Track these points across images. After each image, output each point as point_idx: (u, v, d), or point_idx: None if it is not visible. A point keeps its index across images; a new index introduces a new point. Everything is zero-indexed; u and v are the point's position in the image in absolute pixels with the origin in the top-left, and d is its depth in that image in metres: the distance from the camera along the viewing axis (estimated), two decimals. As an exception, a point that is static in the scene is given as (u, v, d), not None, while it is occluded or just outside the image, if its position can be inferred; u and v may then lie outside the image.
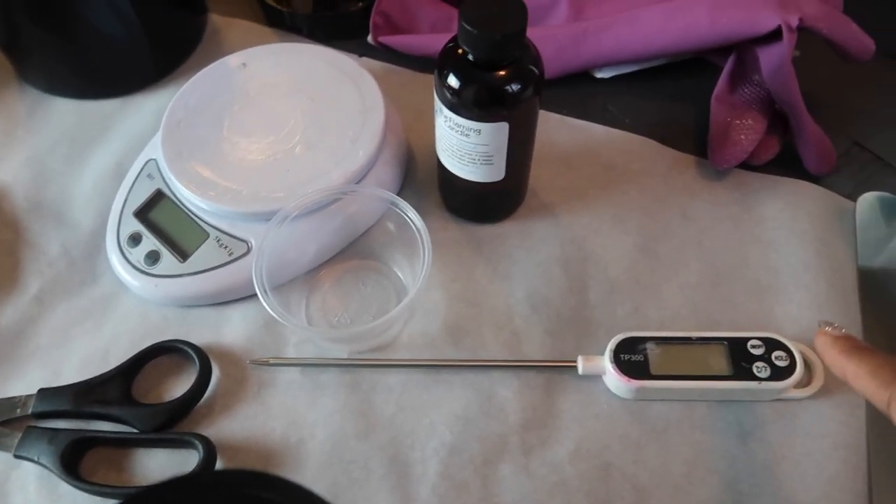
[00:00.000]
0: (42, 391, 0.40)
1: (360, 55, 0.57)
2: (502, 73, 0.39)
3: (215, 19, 0.60)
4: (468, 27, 0.37)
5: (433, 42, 0.55)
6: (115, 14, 0.51)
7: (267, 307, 0.38)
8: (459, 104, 0.39)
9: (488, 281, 0.45)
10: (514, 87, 0.39)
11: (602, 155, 0.50)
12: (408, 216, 0.41)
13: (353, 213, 0.45)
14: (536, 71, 0.39)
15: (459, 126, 0.40)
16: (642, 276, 0.45)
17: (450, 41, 0.40)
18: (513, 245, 0.46)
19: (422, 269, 0.39)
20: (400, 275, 0.45)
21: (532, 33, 0.40)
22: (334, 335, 0.42)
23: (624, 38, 0.51)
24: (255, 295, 0.43)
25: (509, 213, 0.48)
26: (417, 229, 0.40)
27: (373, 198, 0.44)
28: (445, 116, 0.41)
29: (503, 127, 0.40)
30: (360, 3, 0.58)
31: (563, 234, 0.47)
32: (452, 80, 0.39)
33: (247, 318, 0.44)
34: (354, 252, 0.46)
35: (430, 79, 0.54)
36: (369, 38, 0.57)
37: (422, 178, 0.50)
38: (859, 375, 0.30)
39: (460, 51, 0.39)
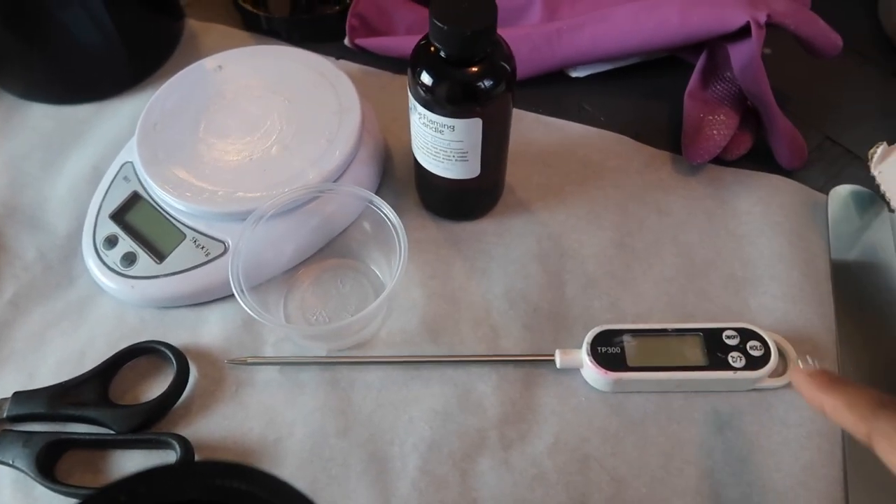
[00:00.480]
0: (17, 394, 0.40)
1: (338, 58, 0.57)
2: (474, 69, 0.39)
3: (192, 24, 0.60)
4: (439, 24, 0.37)
5: (409, 44, 0.54)
6: (91, 20, 0.51)
7: (244, 306, 0.38)
8: (433, 101, 0.40)
9: (466, 278, 0.45)
10: (487, 83, 0.39)
11: (578, 153, 0.51)
12: (383, 212, 0.41)
13: (330, 213, 0.45)
14: (508, 67, 0.40)
15: (433, 123, 0.41)
16: (618, 270, 0.45)
17: (422, 39, 0.41)
18: (490, 242, 0.47)
19: (398, 264, 0.39)
20: (378, 273, 0.45)
21: (507, 33, 0.40)
22: (312, 332, 0.42)
23: (597, 37, 0.52)
24: (233, 295, 0.44)
25: (486, 211, 0.48)
26: (393, 225, 0.40)
27: (349, 196, 0.44)
28: (420, 113, 0.41)
29: (476, 123, 0.40)
30: (337, 7, 0.59)
31: (540, 230, 0.47)
32: (425, 77, 0.40)
33: (225, 318, 0.44)
34: (332, 251, 0.46)
35: (406, 80, 0.55)
36: (346, 41, 0.57)
37: (399, 177, 0.50)
38: (837, 409, 0.30)
39: (432, 48, 0.39)
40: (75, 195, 0.49)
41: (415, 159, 0.45)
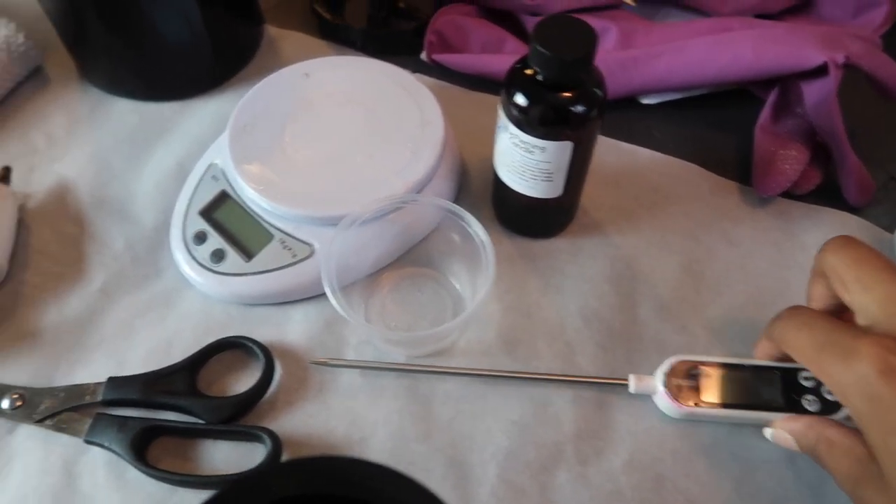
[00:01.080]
0: (111, 380, 0.41)
1: (413, 71, 0.59)
2: (569, 94, 0.40)
3: (271, 30, 0.62)
4: (541, 49, 0.38)
5: (485, 62, 0.57)
6: (183, 19, 0.53)
7: (335, 305, 0.40)
8: (526, 122, 0.41)
9: (541, 294, 0.46)
10: (580, 108, 0.40)
11: (648, 177, 0.52)
12: (473, 230, 0.42)
13: (411, 222, 0.47)
14: (600, 93, 0.41)
15: (524, 143, 0.42)
16: (689, 296, 0.46)
17: (518, 61, 0.42)
18: (564, 260, 0.48)
19: (484, 284, 0.40)
20: (457, 285, 0.46)
21: None
22: (395, 337, 0.44)
23: (672, 67, 0.53)
24: (316, 296, 0.45)
25: (561, 229, 0.49)
26: (482, 243, 0.42)
27: (432, 207, 0.46)
28: (511, 133, 0.42)
29: (567, 146, 0.42)
30: (413, 23, 0.60)
31: (613, 252, 0.48)
32: (520, 99, 0.41)
33: (307, 318, 0.45)
34: (410, 259, 0.48)
35: (481, 96, 0.57)
36: (423, 55, 0.59)
37: (474, 190, 0.51)
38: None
39: (528, 71, 0.41)
40: (161, 190, 0.51)
41: (495, 175, 0.47)
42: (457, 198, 0.51)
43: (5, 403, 0.41)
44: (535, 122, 0.41)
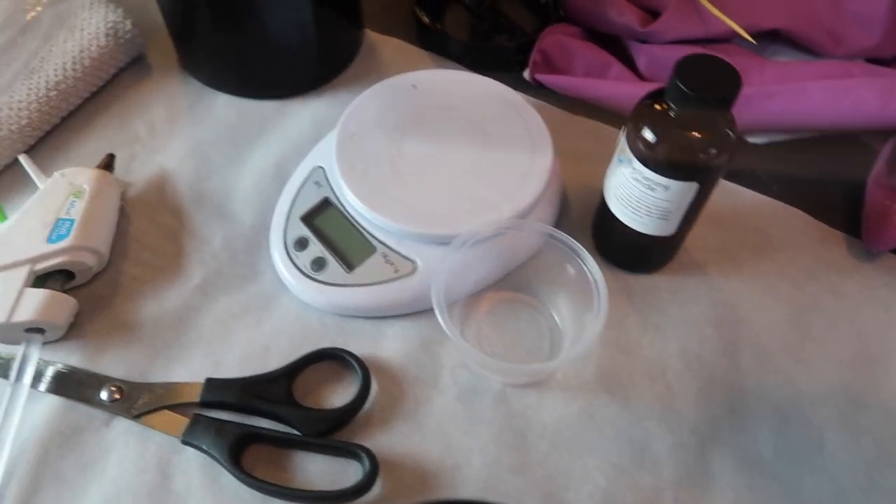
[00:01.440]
0: (210, 381, 0.41)
1: (513, 88, 0.58)
2: (702, 134, 0.39)
3: (370, 35, 0.61)
4: (682, 86, 0.37)
5: (590, 86, 0.56)
6: (296, 18, 0.52)
7: (445, 327, 0.39)
8: (652, 159, 0.40)
9: (641, 332, 0.45)
10: (712, 150, 0.39)
11: (751, 220, 0.51)
12: (587, 267, 0.41)
13: (514, 247, 0.46)
14: (733, 136, 0.40)
15: (647, 180, 0.41)
16: (794, 347, 0.45)
17: (648, 94, 0.41)
18: (665, 299, 0.47)
19: (594, 324, 0.39)
20: (556, 316, 0.45)
21: None
22: (496, 365, 0.43)
23: (788, 108, 0.52)
24: (413, 313, 0.45)
25: (662, 266, 0.48)
26: (595, 282, 0.41)
27: (537, 234, 0.45)
28: (634, 168, 0.41)
29: (692, 187, 0.40)
30: (516, 41, 0.60)
31: (715, 295, 0.47)
32: (648, 135, 0.40)
33: (403, 335, 0.44)
34: (509, 284, 0.47)
35: (582, 121, 0.56)
36: (525, 74, 0.58)
37: (574, 217, 0.50)
38: None
39: (659, 106, 0.40)
40: (260, 190, 0.51)
41: (603, 206, 0.46)
42: (557, 223, 0.50)
43: (104, 395, 0.41)
44: (663, 160, 0.40)
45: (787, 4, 0.59)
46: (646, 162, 0.40)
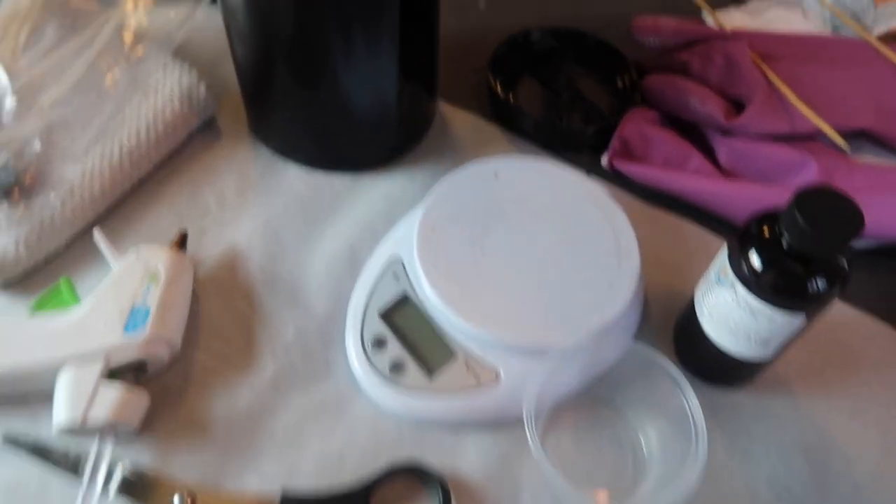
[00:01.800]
0: (285, 497, 0.39)
1: (588, 172, 0.57)
2: (815, 268, 0.38)
3: (443, 107, 0.60)
4: (801, 220, 0.36)
5: (671, 178, 0.55)
6: (379, 90, 0.50)
7: (534, 451, 0.37)
8: (758, 286, 0.39)
9: (727, 455, 0.44)
10: (823, 284, 0.38)
11: (837, 334, 0.49)
12: (689, 403, 0.39)
13: (597, 359, 0.44)
14: (846, 267, 0.38)
15: (750, 306, 0.39)
16: (889, 482, 0.43)
17: (757, 217, 0.40)
18: (750, 419, 0.45)
19: (692, 469, 0.37)
20: (642, 440, 0.43)
21: (779, 191, 0.38)
22: (580, 500, 0.41)
23: (878, 216, 0.50)
24: (491, 425, 0.43)
25: (746, 383, 0.46)
26: (694, 422, 0.39)
27: (621, 346, 0.43)
28: (737, 293, 0.40)
29: (798, 317, 0.39)
30: (594, 126, 0.58)
31: (803, 418, 0.45)
32: (755, 260, 0.38)
33: (481, 448, 0.43)
34: (591, 395, 0.45)
35: (661, 215, 0.54)
36: (603, 161, 0.57)
37: (654, 323, 0.49)
38: None
39: (769, 230, 0.38)
40: (333, 275, 0.49)
41: (692, 319, 0.44)
42: (639, 327, 0.48)
43: (176, 501, 0.39)
44: (769, 289, 0.38)
45: (874, 103, 0.57)
46: (751, 288, 0.39)
